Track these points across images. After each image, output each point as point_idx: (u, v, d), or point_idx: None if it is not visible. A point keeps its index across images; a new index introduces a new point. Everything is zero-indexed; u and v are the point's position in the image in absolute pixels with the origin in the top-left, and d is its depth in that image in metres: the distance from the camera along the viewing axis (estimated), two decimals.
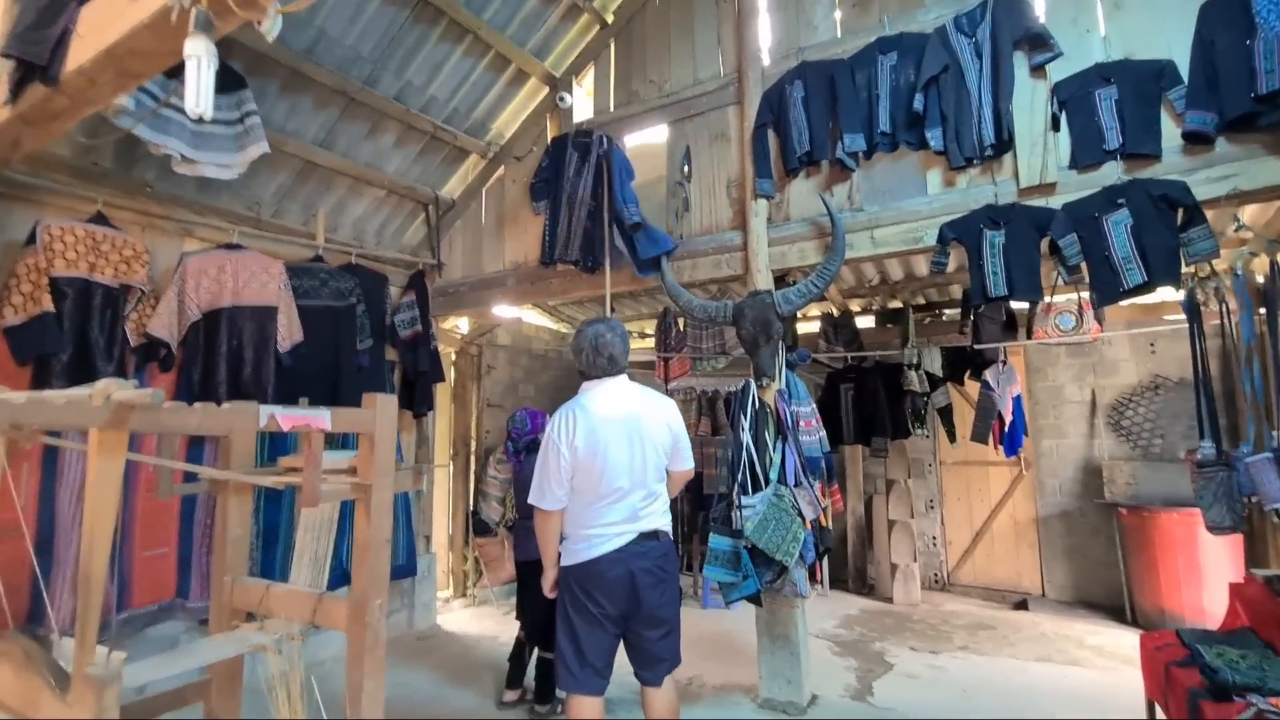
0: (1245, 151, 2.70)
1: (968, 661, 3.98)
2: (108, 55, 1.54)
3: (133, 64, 1.58)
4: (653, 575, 2.24)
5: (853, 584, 5.77)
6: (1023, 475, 5.47)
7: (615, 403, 2.30)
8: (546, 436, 2.25)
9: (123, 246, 3.27)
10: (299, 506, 1.99)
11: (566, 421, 2.23)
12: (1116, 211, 2.86)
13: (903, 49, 3.39)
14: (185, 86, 1.28)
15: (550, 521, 2.28)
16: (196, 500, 3.49)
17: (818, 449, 3.49)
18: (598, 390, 2.32)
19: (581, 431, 2.19)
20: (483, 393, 5.89)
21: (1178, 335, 4.84)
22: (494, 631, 4.69)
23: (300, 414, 1.87)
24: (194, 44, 1.26)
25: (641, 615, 2.25)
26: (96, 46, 1.54)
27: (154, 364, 3.40)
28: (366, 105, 4.12)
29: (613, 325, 2.36)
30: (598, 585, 2.20)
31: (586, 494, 2.23)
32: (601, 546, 2.21)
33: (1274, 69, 2.54)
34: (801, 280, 3.43)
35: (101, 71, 1.62)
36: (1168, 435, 4.92)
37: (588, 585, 2.22)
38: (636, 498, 2.26)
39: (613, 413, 2.27)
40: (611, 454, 2.21)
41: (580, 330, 2.38)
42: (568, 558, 2.28)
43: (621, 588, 2.20)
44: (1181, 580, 4.31)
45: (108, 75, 1.63)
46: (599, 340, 2.32)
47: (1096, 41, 3.04)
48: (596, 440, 2.20)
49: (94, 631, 1.56)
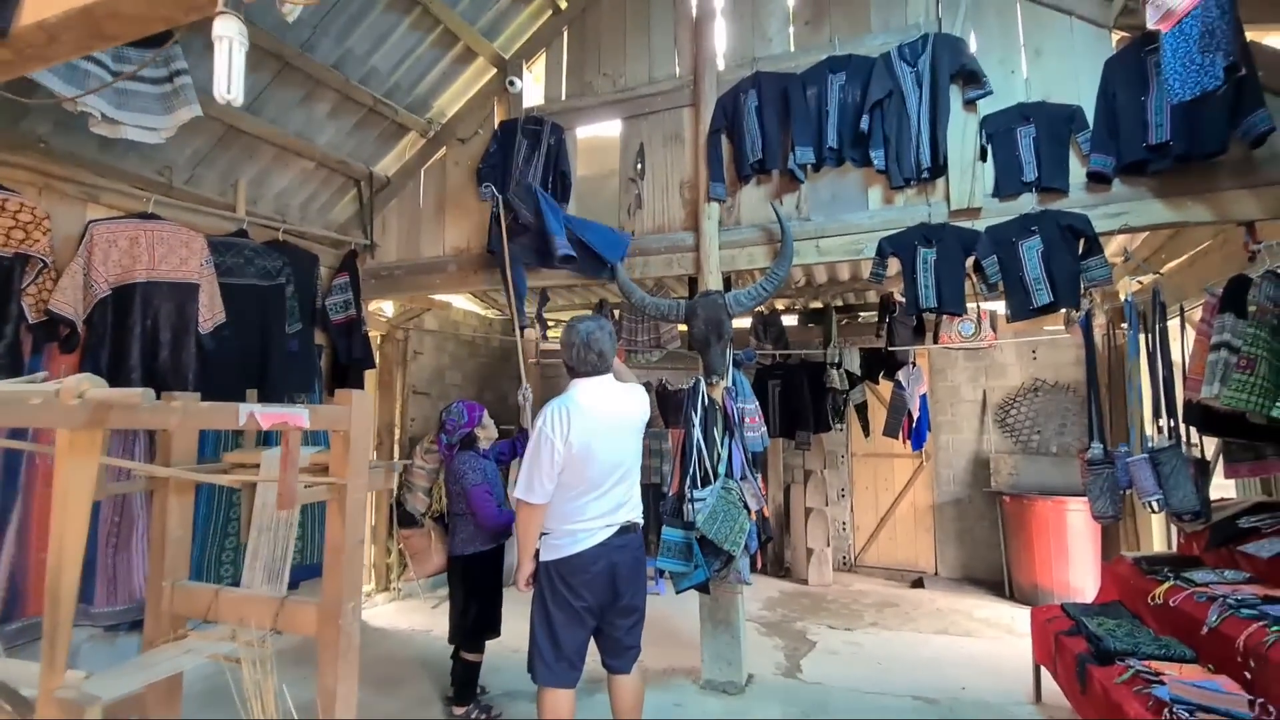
0: (1136, 193, 3.12)
1: (879, 636, 4.37)
2: (83, 14, 1.37)
3: (111, 26, 1.41)
4: (631, 567, 2.33)
5: (770, 568, 6.12)
6: (923, 466, 6.02)
7: (604, 399, 2.35)
8: (538, 431, 2.26)
9: (18, 211, 2.88)
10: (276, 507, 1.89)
11: (560, 416, 2.24)
12: (1030, 238, 3.22)
13: (851, 70, 3.61)
14: (215, 70, 1.17)
15: (536, 515, 2.28)
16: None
17: (759, 444, 3.70)
18: (588, 387, 2.36)
19: (575, 427, 2.22)
20: (409, 379, 5.68)
21: (1055, 344, 5.52)
22: (425, 625, 4.59)
23: (279, 412, 1.78)
24: (224, 24, 1.15)
25: (617, 606, 2.33)
26: (70, 2, 1.38)
27: (54, 344, 3.04)
28: (301, 71, 3.84)
29: (601, 324, 2.40)
30: (581, 579, 2.25)
31: (572, 489, 2.27)
32: (586, 541, 2.26)
33: (1163, 124, 2.95)
34: (751, 284, 3.60)
35: (68, 30, 1.43)
36: (1044, 431, 5.59)
37: (571, 579, 2.26)
38: (619, 492, 2.34)
39: (602, 409, 2.32)
40: (600, 450, 2.26)
41: (571, 326, 2.39)
42: (549, 552, 2.31)
43: (603, 580, 2.27)
44: (1052, 559, 4.94)
45: (75, 35, 1.45)
46: (590, 338, 2.35)
47: (1020, 83, 3.39)
48: (587, 436, 2.24)
49: (64, 651, 1.43)
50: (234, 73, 1.21)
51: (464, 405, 3.36)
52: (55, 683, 1.39)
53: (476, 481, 3.10)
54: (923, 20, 3.58)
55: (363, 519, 1.98)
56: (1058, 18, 3.33)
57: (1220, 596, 2.47)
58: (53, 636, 1.41)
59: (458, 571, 3.21)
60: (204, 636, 2.03)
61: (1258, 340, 2.38)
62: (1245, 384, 2.37)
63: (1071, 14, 3.30)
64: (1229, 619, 2.32)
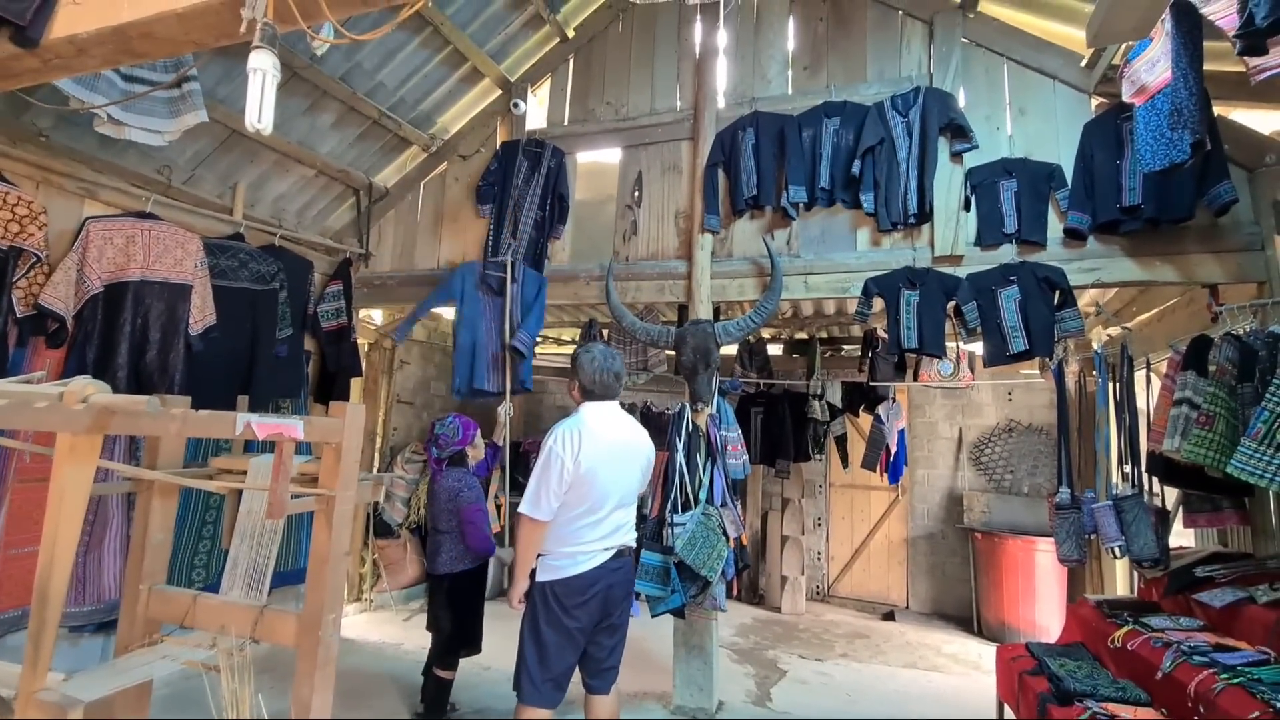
0: (1108, 250, 3.27)
1: (849, 668, 4.42)
2: (116, 32, 1.43)
3: (142, 45, 1.46)
4: (622, 589, 2.38)
5: (744, 594, 6.16)
6: (898, 500, 6.12)
7: (613, 426, 2.41)
8: (549, 449, 2.27)
9: (15, 204, 2.88)
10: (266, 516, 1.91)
11: (571, 437, 2.28)
12: (1009, 287, 3.35)
13: (845, 115, 3.76)
14: (248, 100, 1.23)
15: (538, 531, 2.28)
16: None
17: (741, 472, 3.76)
18: (599, 411, 2.41)
19: (585, 449, 2.26)
20: (393, 388, 5.68)
21: (1030, 387, 5.68)
22: (396, 638, 4.54)
23: (275, 422, 1.82)
24: (259, 58, 1.21)
25: (603, 625, 2.37)
26: (103, 20, 1.43)
27: (41, 339, 3.03)
28: (309, 82, 3.90)
29: (612, 351, 2.48)
30: (577, 600, 2.27)
31: (573, 510, 2.29)
32: (586, 563, 2.29)
33: (1136, 188, 3.11)
34: (740, 314, 3.69)
35: (99, 45, 1.48)
36: (1016, 471, 5.72)
37: (566, 600, 2.27)
38: (618, 517, 2.39)
39: (610, 435, 2.37)
40: (604, 474, 2.30)
41: (588, 350, 2.45)
42: (547, 573, 2.32)
43: (597, 603, 2.30)
44: (1020, 598, 5.04)
45: (105, 50, 1.50)
46: (609, 362, 2.41)
47: (1004, 139, 3.55)
48: (595, 460, 2.28)
49: (49, 652, 1.44)
50: (265, 103, 1.26)
51: (460, 421, 3.26)
52: (38, 684, 1.40)
53: (472, 500, 3.07)
54: (915, 74, 3.74)
55: (349, 531, 2.00)
56: (1042, 80, 3.51)
57: (1175, 643, 2.56)
58: (38, 637, 1.42)
59: (442, 589, 3.13)
60: (178, 642, 2.03)
61: (1216, 399, 2.51)
62: (1204, 439, 2.49)
63: (1055, 78, 3.48)
64: (1182, 665, 2.40)
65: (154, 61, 2.86)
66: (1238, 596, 2.63)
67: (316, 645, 1.84)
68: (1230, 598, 2.65)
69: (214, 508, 3.65)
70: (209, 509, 3.66)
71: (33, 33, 1.53)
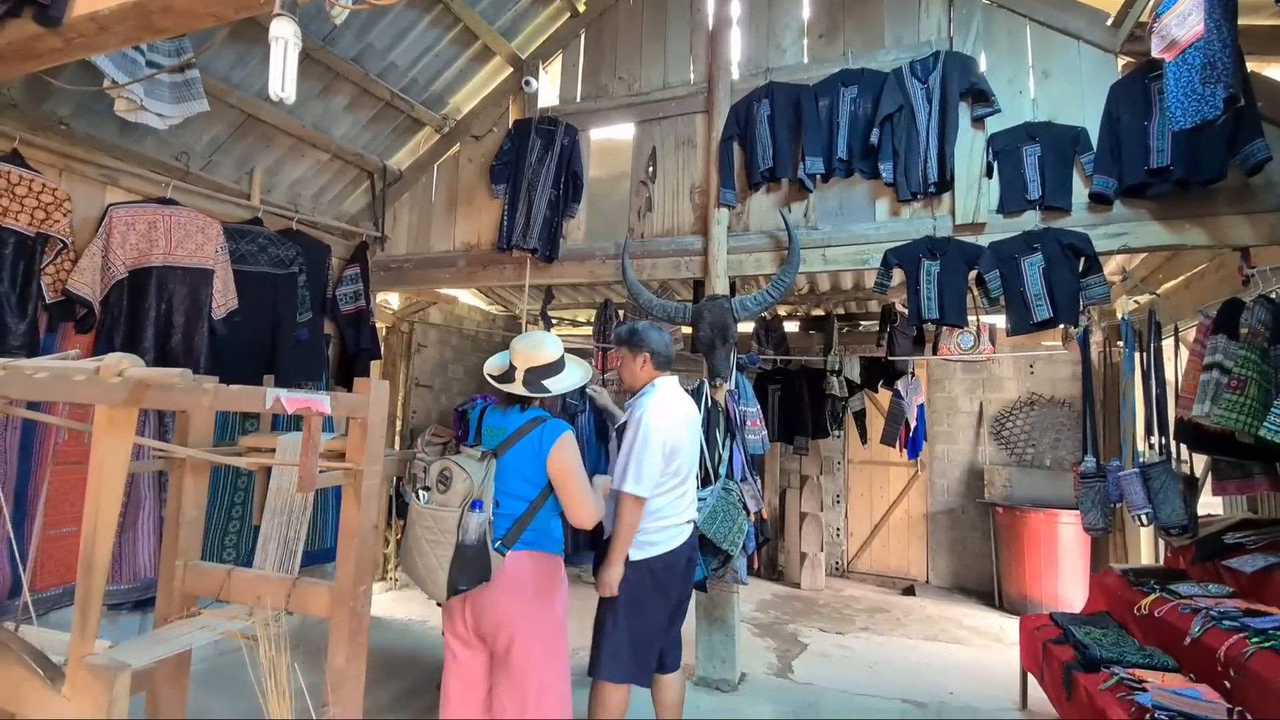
0: (1135, 215, 3.20)
1: (869, 641, 4.44)
2: (136, 7, 1.43)
3: (163, 20, 1.47)
4: (693, 563, 2.43)
5: (764, 571, 6.19)
6: (918, 475, 6.09)
7: (682, 397, 2.47)
8: (645, 424, 2.22)
9: (40, 191, 2.92)
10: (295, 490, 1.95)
11: (668, 412, 2.29)
12: (1032, 254, 3.29)
13: (863, 84, 3.68)
14: (270, 69, 1.23)
15: (640, 509, 2.20)
16: None
17: (760, 447, 3.76)
18: (672, 383, 2.46)
19: (675, 421, 2.30)
20: (412, 371, 5.73)
21: (1052, 359, 5.61)
22: (420, 615, 4.63)
23: (303, 397, 1.85)
24: (280, 26, 1.21)
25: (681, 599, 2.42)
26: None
27: (70, 324, 3.08)
28: (322, 64, 3.88)
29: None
30: (673, 574, 2.29)
31: (663, 485, 2.28)
32: (678, 537, 2.32)
33: (1165, 149, 3.03)
34: (757, 289, 3.66)
35: (120, 22, 1.49)
36: (1039, 445, 5.67)
37: (665, 577, 2.26)
38: (693, 489, 2.45)
39: (682, 406, 2.43)
40: (684, 446, 2.34)
41: (646, 324, 2.48)
42: (641, 550, 2.26)
43: (688, 577, 2.36)
44: (1042, 570, 5.02)
45: (126, 27, 1.51)
46: (666, 334, 2.46)
47: (1027, 103, 3.46)
48: (681, 431, 2.32)
49: (95, 619, 1.48)
50: (288, 72, 1.27)
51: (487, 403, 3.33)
52: (86, 649, 1.44)
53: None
54: (935, 38, 3.65)
55: (376, 504, 2.04)
56: (1066, 41, 3.41)
57: (1204, 609, 2.55)
58: (85, 605, 1.47)
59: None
60: (215, 614, 2.08)
61: (1248, 362, 2.46)
62: (1235, 404, 2.45)
63: (1079, 38, 3.38)
64: (1211, 630, 2.39)
65: (159, 43, 2.88)
66: (1269, 561, 2.60)
67: (348, 615, 1.88)
68: (1261, 563, 2.62)
69: (242, 489, 3.72)
70: (237, 490, 3.73)
71: (55, 11, 1.54)
